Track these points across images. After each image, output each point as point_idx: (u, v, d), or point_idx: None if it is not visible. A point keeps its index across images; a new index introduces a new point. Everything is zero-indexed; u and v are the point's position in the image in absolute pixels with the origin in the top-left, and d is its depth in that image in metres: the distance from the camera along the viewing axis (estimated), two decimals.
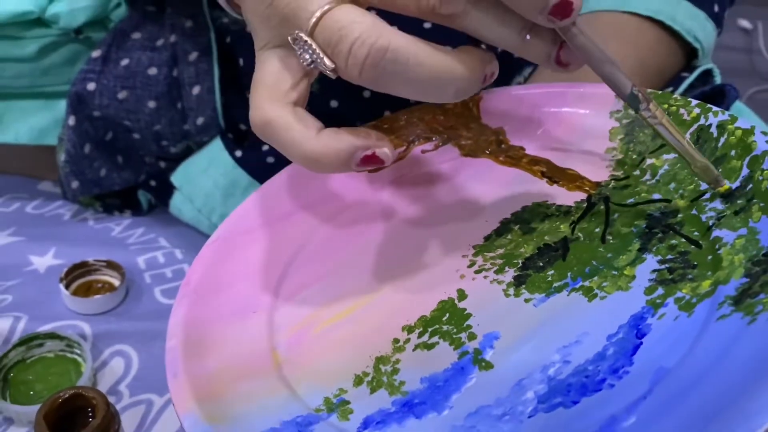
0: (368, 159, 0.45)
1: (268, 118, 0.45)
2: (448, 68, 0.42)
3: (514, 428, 0.38)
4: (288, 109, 0.45)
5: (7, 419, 0.64)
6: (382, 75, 0.41)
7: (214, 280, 0.52)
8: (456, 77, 0.42)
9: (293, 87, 0.45)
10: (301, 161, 0.45)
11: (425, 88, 0.42)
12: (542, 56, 0.46)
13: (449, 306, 0.47)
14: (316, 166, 0.44)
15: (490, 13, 0.44)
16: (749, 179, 0.44)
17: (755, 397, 0.32)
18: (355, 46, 0.41)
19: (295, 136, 0.44)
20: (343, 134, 0.44)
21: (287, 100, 0.45)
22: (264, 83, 0.46)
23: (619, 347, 0.40)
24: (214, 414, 0.42)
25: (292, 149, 0.44)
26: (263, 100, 0.45)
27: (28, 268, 0.79)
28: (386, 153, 0.45)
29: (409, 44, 0.41)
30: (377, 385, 0.43)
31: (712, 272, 0.41)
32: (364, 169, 0.45)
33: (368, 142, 0.45)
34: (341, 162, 0.44)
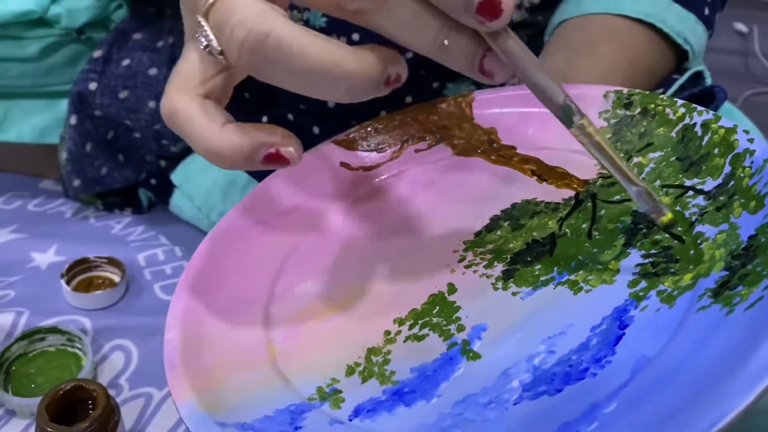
0: (272, 157, 0.43)
1: (174, 108, 0.43)
2: (337, 62, 0.39)
3: (500, 415, 0.39)
4: (195, 101, 0.43)
5: (9, 411, 0.65)
6: (263, 61, 0.39)
7: (212, 275, 0.53)
8: (346, 73, 0.39)
9: (206, 80, 0.44)
10: (203, 154, 0.43)
11: (310, 81, 0.39)
12: (463, 64, 0.41)
13: (439, 299, 0.48)
14: (219, 160, 0.43)
15: (402, 11, 0.39)
16: (731, 176, 0.45)
17: (732, 381, 0.33)
18: (236, 29, 0.39)
19: (199, 128, 0.42)
20: (248, 129, 0.42)
21: (196, 91, 0.44)
22: (178, 73, 0.44)
23: (602, 338, 0.41)
24: (210, 403, 0.43)
25: (195, 141, 0.43)
26: (173, 91, 0.44)
27: (29, 265, 0.81)
28: (291, 152, 0.43)
29: (295, 33, 0.39)
30: (368, 375, 0.44)
31: (693, 266, 0.43)
32: (268, 166, 0.43)
33: (273, 140, 0.42)
34: (244, 157, 0.42)
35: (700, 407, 0.33)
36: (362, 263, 0.52)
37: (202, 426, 0.41)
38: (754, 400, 0.32)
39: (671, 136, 0.51)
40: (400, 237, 0.54)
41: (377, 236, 0.54)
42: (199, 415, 0.42)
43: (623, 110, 0.54)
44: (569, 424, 0.37)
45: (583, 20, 0.72)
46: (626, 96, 0.55)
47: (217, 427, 0.41)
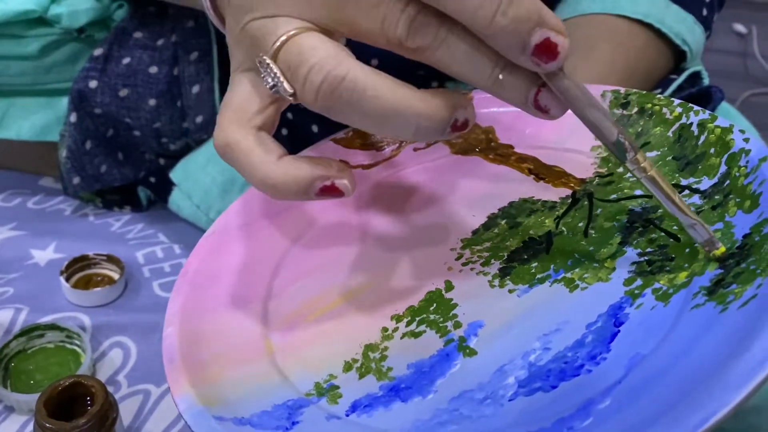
0: (327, 189, 0.43)
1: (229, 140, 0.44)
2: (408, 105, 0.39)
3: (495, 411, 0.40)
4: (251, 133, 0.44)
5: (8, 407, 0.66)
6: (338, 103, 0.40)
7: (211, 271, 0.53)
8: (416, 115, 0.39)
9: (259, 111, 0.45)
10: (259, 186, 0.44)
11: (382, 122, 0.40)
12: (518, 99, 0.41)
13: (436, 296, 0.48)
14: (274, 192, 0.43)
15: (458, 48, 0.40)
16: (727, 175, 0.46)
17: (724, 377, 0.33)
18: (313, 72, 0.39)
19: (255, 161, 0.43)
20: (304, 163, 0.43)
21: (252, 124, 0.44)
22: (231, 105, 0.45)
23: (597, 335, 0.41)
24: (208, 397, 0.43)
25: (251, 173, 0.43)
26: (228, 122, 0.44)
27: (29, 262, 0.81)
28: (346, 185, 0.43)
29: (368, 76, 0.39)
30: (366, 371, 0.45)
31: (688, 264, 0.43)
32: (322, 198, 0.44)
33: (328, 173, 0.43)
34: (300, 190, 0.43)
35: (692, 403, 0.33)
36: (359, 260, 0.53)
37: (199, 420, 0.41)
38: (746, 397, 0.32)
39: (668, 136, 0.51)
40: (397, 234, 0.54)
41: (375, 234, 0.55)
42: (197, 409, 0.42)
43: (620, 110, 0.55)
44: (564, 419, 0.37)
45: (581, 20, 0.72)
46: (623, 96, 0.55)
47: (214, 421, 0.41)
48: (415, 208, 0.56)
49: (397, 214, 0.56)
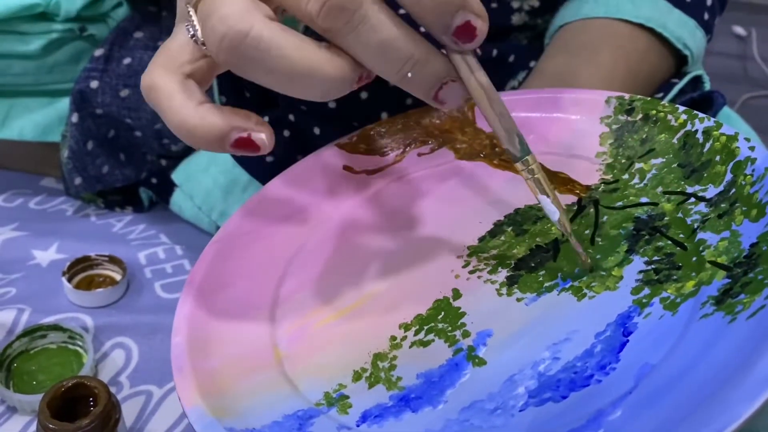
0: (243, 141, 0.43)
1: (154, 82, 0.44)
2: (313, 67, 0.40)
3: (506, 422, 0.40)
4: (176, 79, 0.44)
5: (11, 408, 0.66)
6: (242, 60, 0.40)
7: (217, 279, 0.53)
8: (323, 77, 0.40)
9: (190, 61, 0.44)
10: (176, 130, 0.43)
11: (288, 82, 0.41)
12: (421, 93, 0.44)
13: (444, 305, 0.48)
14: (191, 138, 0.43)
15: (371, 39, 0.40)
16: (732, 184, 0.46)
17: (735, 389, 0.34)
18: (217, 24, 0.40)
19: (174, 104, 0.43)
20: (225, 111, 0.43)
21: (180, 70, 0.44)
22: (164, 51, 0.45)
23: (606, 345, 0.42)
24: (218, 408, 0.43)
25: (170, 116, 0.43)
26: (156, 65, 0.45)
27: (31, 263, 0.81)
28: (262, 138, 0.44)
29: (274, 34, 0.39)
30: (375, 381, 0.45)
31: (696, 273, 0.43)
32: (237, 151, 0.44)
33: (246, 125, 0.43)
34: (215, 137, 0.43)
35: (704, 415, 0.33)
36: (366, 268, 0.53)
37: (210, 431, 0.41)
38: (757, 410, 0.33)
39: (673, 143, 0.52)
40: (403, 241, 0.54)
41: (380, 241, 0.55)
42: (208, 420, 0.42)
43: (625, 116, 0.55)
44: (575, 430, 0.37)
45: (584, 24, 0.73)
46: (628, 102, 0.55)
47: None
48: (420, 214, 0.56)
49: (402, 220, 0.56)
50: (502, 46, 0.78)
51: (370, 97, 0.77)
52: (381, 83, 0.76)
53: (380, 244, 0.54)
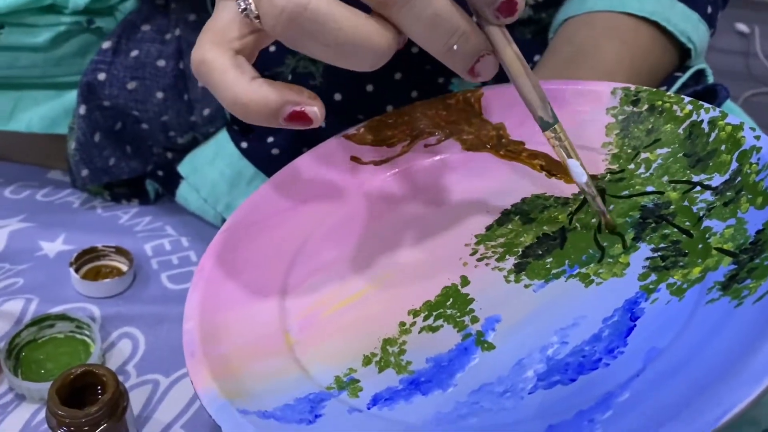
0: (296, 115, 0.45)
1: (206, 57, 0.45)
2: (366, 38, 0.42)
3: (515, 404, 0.40)
4: (227, 54, 0.45)
5: (20, 396, 0.66)
6: (299, 32, 0.41)
7: (227, 267, 0.54)
8: (373, 48, 0.42)
9: (240, 37, 0.46)
10: (230, 105, 0.45)
11: (340, 53, 0.42)
12: (462, 68, 0.46)
13: (453, 291, 0.49)
14: (245, 112, 0.45)
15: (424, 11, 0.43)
16: (738, 172, 0.47)
17: (742, 372, 0.34)
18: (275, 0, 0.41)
19: (228, 79, 0.44)
20: (278, 85, 0.44)
21: (230, 46, 0.46)
22: (212, 28, 0.46)
23: (614, 329, 0.42)
24: (231, 391, 0.44)
25: (224, 91, 0.45)
26: (206, 41, 0.46)
27: (38, 253, 0.81)
28: (315, 112, 0.45)
29: (330, 7, 0.41)
30: (385, 365, 0.46)
31: (702, 260, 0.44)
32: (290, 125, 0.45)
33: (300, 99, 0.45)
34: (270, 111, 0.44)
35: (711, 398, 0.34)
36: (374, 256, 0.53)
37: (223, 413, 0.42)
38: (764, 391, 0.33)
39: (678, 133, 0.52)
40: (411, 230, 0.55)
41: (388, 230, 0.55)
42: (220, 403, 0.43)
43: (631, 107, 0.55)
44: (584, 412, 0.38)
45: (588, 17, 0.73)
46: (634, 93, 0.56)
47: (238, 415, 0.42)
48: (428, 204, 0.57)
49: (410, 210, 0.57)
50: None
51: (376, 90, 0.77)
52: (387, 77, 0.77)
53: (388, 233, 0.55)
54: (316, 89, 0.46)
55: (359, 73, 0.74)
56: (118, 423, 0.59)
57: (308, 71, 0.77)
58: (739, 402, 0.33)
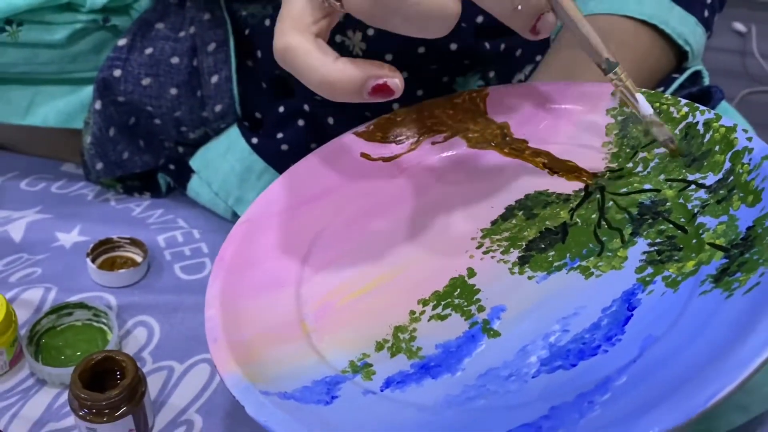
0: (380, 87, 0.48)
1: (290, 43, 0.48)
2: (441, 6, 0.44)
3: (520, 387, 0.43)
4: (309, 38, 0.49)
5: (41, 380, 0.69)
6: (382, 9, 0.44)
7: (245, 258, 0.56)
8: (448, 13, 0.45)
9: (315, 21, 0.49)
10: (317, 85, 0.48)
11: (421, 24, 0.45)
12: (524, 26, 0.50)
13: (460, 282, 0.52)
14: (331, 91, 0.48)
15: None
16: (731, 172, 0.49)
17: (728, 359, 0.37)
18: None
19: (314, 61, 0.48)
20: (359, 62, 0.48)
21: (309, 30, 0.49)
22: (290, 15, 0.49)
23: (612, 318, 0.45)
24: (252, 374, 0.47)
25: (310, 73, 0.48)
26: (287, 28, 0.49)
27: (55, 244, 0.84)
28: (396, 83, 0.48)
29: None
30: (396, 350, 0.48)
31: (696, 254, 0.47)
32: (374, 98, 0.48)
33: (381, 72, 0.48)
34: (355, 88, 0.48)
35: (703, 381, 0.37)
36: (385, 249, 0.56)
37: (247, 395, 0.44)
38: (751, 374, 0.36)
39: (675, 134, 0.55)
40: (420, 225, 0.57)
41: (398, 224, 0.58)
42: (244, 385, 0.45)
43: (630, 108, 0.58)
44: (584, 394, 0.40)
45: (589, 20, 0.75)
46: None
47: (261, 396, 0.44)
48: (435, 199, 0.59)
49: (418, 205, 0.59)
50: (510, 40, 0.81)
51: None
52: None
53: (398, 226, 0.58)
54: None
55: None
56: (137, 407, 0.62)
57: None
58: (726, 386, 0.36)
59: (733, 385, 0.36)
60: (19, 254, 0.82)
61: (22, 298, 0.77)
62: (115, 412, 0.61)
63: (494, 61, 0.81)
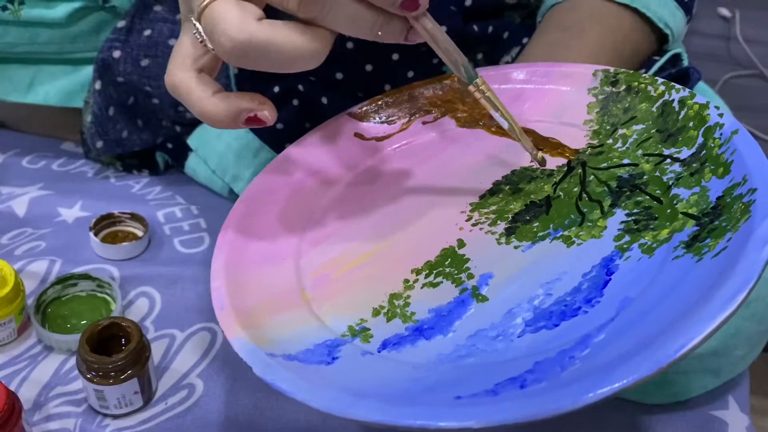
0: (252, 119, 0.53)
1: (174, 82, 0.53)
2: (305, 47, 0.48)
3: (507, 346, 0.47)
4: (191, 75, 0.53)
5: (48, 347, 0.72)
6: (248, 60, 0.48)
7: (247, 232, 0.59)
8: (312, 53, 0.49)
9: (199, 57, 0.54)
10: (199, 117, 0.53)
11: (288, 65, 0.49)
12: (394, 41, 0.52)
13: (450, 252, 0.55)
14: (212, 122, 0.52)
15: (342, 15, 0.49)
16: (703, 146, 0.53)
17: (696, 315, 0.40)
18: (222, 38, 0.48)
19: (194, 98, 0.52)
20: (233, 97, 0.52)
21: (193, 67, 0.53)
22: (177, 53, 0.54)
23: (592, 283, 0.48)
24: (257, 338, 0.49)
25: (193, 108, 0.53)
26: (174, 67, 0.54)
27: (57, 219, 0.87)
28: (266, 115, 0.53)
29: (268, 33, 0.48)
30: (392, 316, 0.52)
31: (670, 223, 0.50)
32: (248, 126, 0.53)
33: (252, 105, 0.52)
34: (230, 120, 0.52)
35: (674, 333, 0.40)
36: (379, 223, 0.59)
37: (254, 356, 0.48)
38: (718, 326, 0.39)
39: (652, 111, 0.58)
40: (412, 200, 0.60)
41: (392, 199, 0.61)
42: (250, 348, 0.48)
43: (610, 87, 0.61)
44: (565, 351, 0.44)
45: (573, 3, 0.78)
46: (613, 74, 0.62)
47: (267, 357, 0.47)
48: (426, 176, 0.63)
49: (410, 181, 0.62)
50: (497, 23, 0.84)
51: (375, 70, 0.83)
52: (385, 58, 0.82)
53: (391, 201, 0.61)
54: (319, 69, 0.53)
55: (359, 54, 0.80)
56: (141, 370, 0.65)
57: None
58: (694, 338, 0.39)
59: (701, 337, 0.39)
60: (23, 228, 0.85)
61: (28, 269, 0.80)
62: (121, 375, 0.64)
63: (482, 44, 0.85)
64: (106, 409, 0.66)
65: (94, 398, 0.65)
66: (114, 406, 0.66)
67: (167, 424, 0.67)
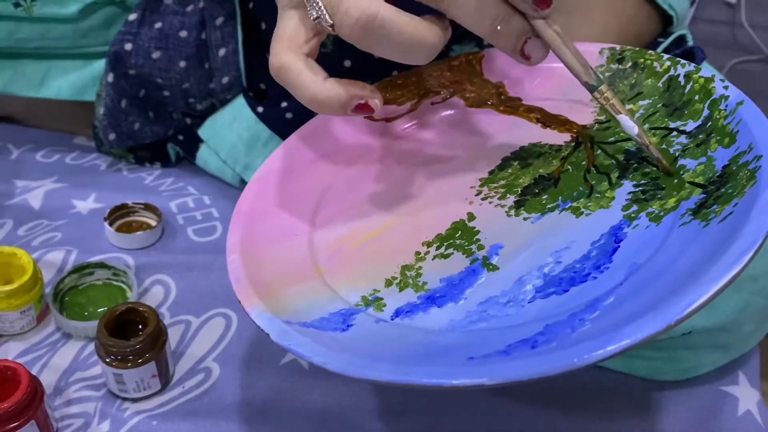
0: (361, 106, 0.53)
1: (284, 63, 0.53)
2: (422, 38, 0.49)
3: (517, 311, 0.47)
4: (301, 58, 0.53)
5: (66, 334, 0.73)
6: (370, 36, 0.49)
7: (260, 210, 0.60)
8: (428, 45, 0.50)
9: (306, 41, 0.54)
10: (307, 102, 0.53)
11: (403, 52, 0.50)
12: (509, 46, 0.53)
13: (461, 225, 0.56)
14: (320, 107, 0.53)
15: (470, 4, 0.50)
16: (709, 118, 0.54)
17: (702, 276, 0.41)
18: (351, 9, 0.48)
19: (305, 81, 0.52)
20: (345, 83, 0.53)
21: (301, 51, 0.54)
22: (283, 36, 0.54)
23: (601, 250, 0.49)
24: (274, 307, 0.50)
25: (301, 91, 0.53)
26: (281, 48, 0.54)
27: (72, 211, 0.88)
28: (376, 103, 0.54)
29: (394, 15, 0.48)
30: (404, 286, 0.52)
31: (677, 192, 0.51)
32: (356, 114, 0.53)
33: (364, 93, 0.53)
34: (340, 106, 0.53)
35: (680, 294, 0.41)
36: (391, 200, 0.60)
37: (272, 324, 0.48)
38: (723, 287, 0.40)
39: (658, 86, 0.59)
40: (423, 176, 0.61)
41: (403, 176, 0.62)
42: (267, 316, 0.49)
43: (616, 64, 0.62)
44: (575, 313, 0.45)
45: None
46: (619, 52, 0.63)
47: (284, 325, 0.48)
48: (437, 153, 0.64)
49: (421, 158, 0.63)
50: None
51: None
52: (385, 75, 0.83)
53: (403, 178, 0.62)
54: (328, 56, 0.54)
55: (357, 75, 0.81)
56: (159, 354, 0.66)
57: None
58: (701, 296, 0.40)
59: (708, 296, 0.40)
60: (39, 220, 0.86)
61: (45, 259, 0.81)
62: (139, 358, 0.65)
63: None
64: (125, 392, 0.67)
65: (113, 382, 0.66)
66: (133, 389, 0.67)
67: (185, 406, 0.68)
